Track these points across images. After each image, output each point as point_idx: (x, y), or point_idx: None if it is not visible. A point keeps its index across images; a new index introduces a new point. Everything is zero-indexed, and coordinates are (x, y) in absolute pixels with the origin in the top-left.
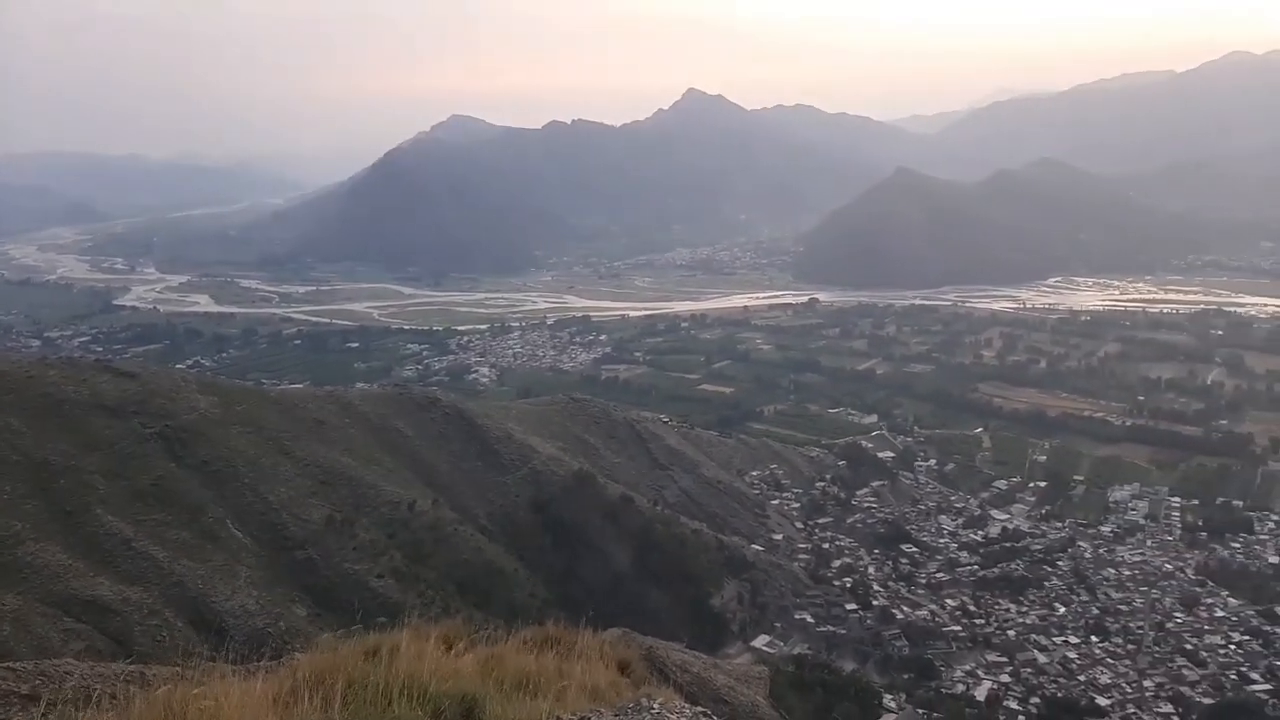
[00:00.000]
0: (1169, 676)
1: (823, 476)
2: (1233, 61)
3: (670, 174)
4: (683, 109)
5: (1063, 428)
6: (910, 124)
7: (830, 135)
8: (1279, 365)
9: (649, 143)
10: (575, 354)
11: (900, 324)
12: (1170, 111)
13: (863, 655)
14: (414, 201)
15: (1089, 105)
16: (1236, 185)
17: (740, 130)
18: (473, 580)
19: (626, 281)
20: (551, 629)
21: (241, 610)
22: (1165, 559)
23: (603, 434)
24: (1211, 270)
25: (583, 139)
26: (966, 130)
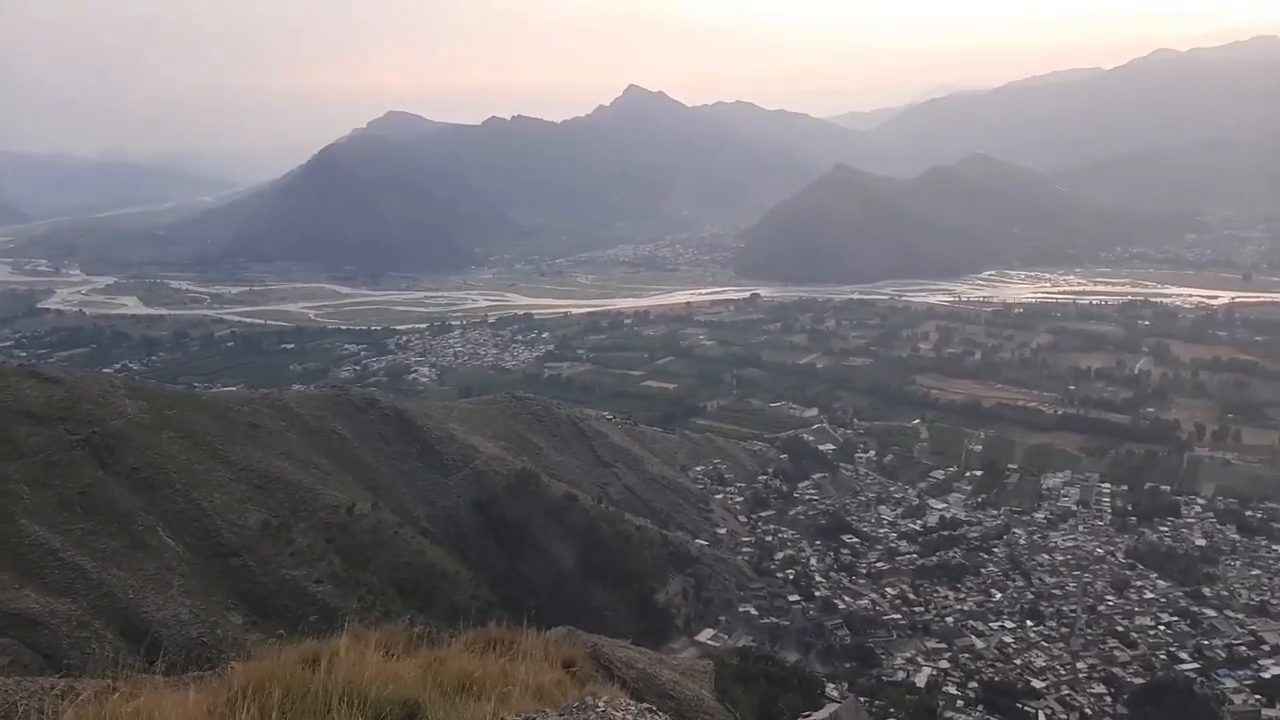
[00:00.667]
0: (1101, 658)
1: (765, 470)
2: (1158, 59)
3: (612, 170)
4: (624, 106)
5: (997, 418)
6: (848, 121)
7: (770, 132)
8: (1203, 354)
9: (590, 139)
10: (517, 352)
11: (839, 318)
12: (1099, 108)
13: (806, 646)
14: (351, 199)
15: (1021, 102)
16: (1162, 180)
17: (681, 127)
18: (414, 583)
19: (569, 278)
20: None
21: (174, 620)
22: (1096, 544)
23: (546, 432)
24: (1138, 262)
25: (523, 135)
26: (903, 127)
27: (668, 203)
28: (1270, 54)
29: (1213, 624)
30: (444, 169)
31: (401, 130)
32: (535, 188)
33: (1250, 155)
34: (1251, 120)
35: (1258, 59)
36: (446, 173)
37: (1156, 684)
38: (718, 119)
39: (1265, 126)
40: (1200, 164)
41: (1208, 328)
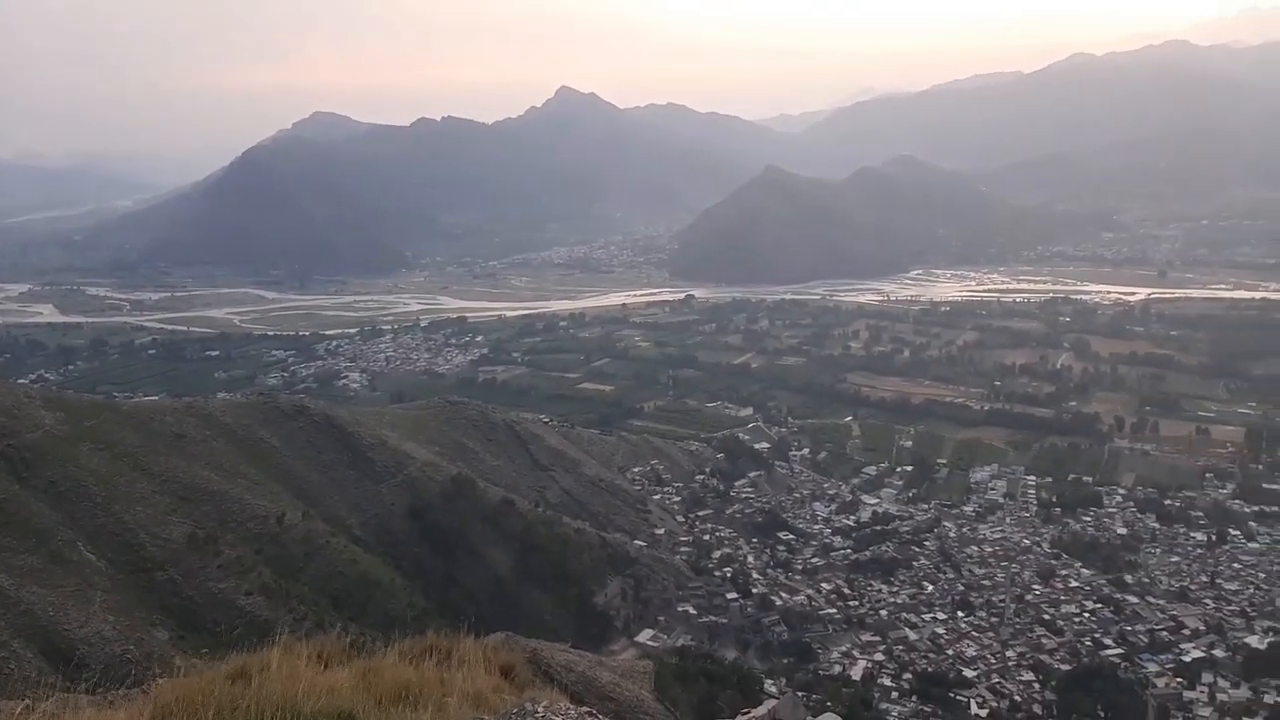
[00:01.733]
0: (1029, 646)
1: (702, 470)
2: (1075, 63)
3: (545, 172)
4: (555, 107)
5: (926, 414)
6: (778, 123)
7: (702, 134)
8: (1121, 349)
9: (522, 140)
10: (451, 356)
11: (773, 318)
12: (1019, 110)
13: (744, 643)
14: (276, 202)
15: (944, 105)
16: (1080, 180)
17: (614, 129)
18: (348, 593)
19: (503, 281)
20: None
21: (97, 637)
22: (1023, 534)
23: (481, 437)
24: (1059, 260)
25: (454, 136)
26: (831, 129)
27: (601, 204)
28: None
29: (1135, 610)
30: (372, 170)
31: (328, 131)
32: (466, 189)
33: (1162, 156)
34: (1163, 122)
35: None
36: (375, 174)
37: (1082, 670)
38: (650, 121)
39: (1176, 128)
40: (1115, 165)
41: (1125, 323)
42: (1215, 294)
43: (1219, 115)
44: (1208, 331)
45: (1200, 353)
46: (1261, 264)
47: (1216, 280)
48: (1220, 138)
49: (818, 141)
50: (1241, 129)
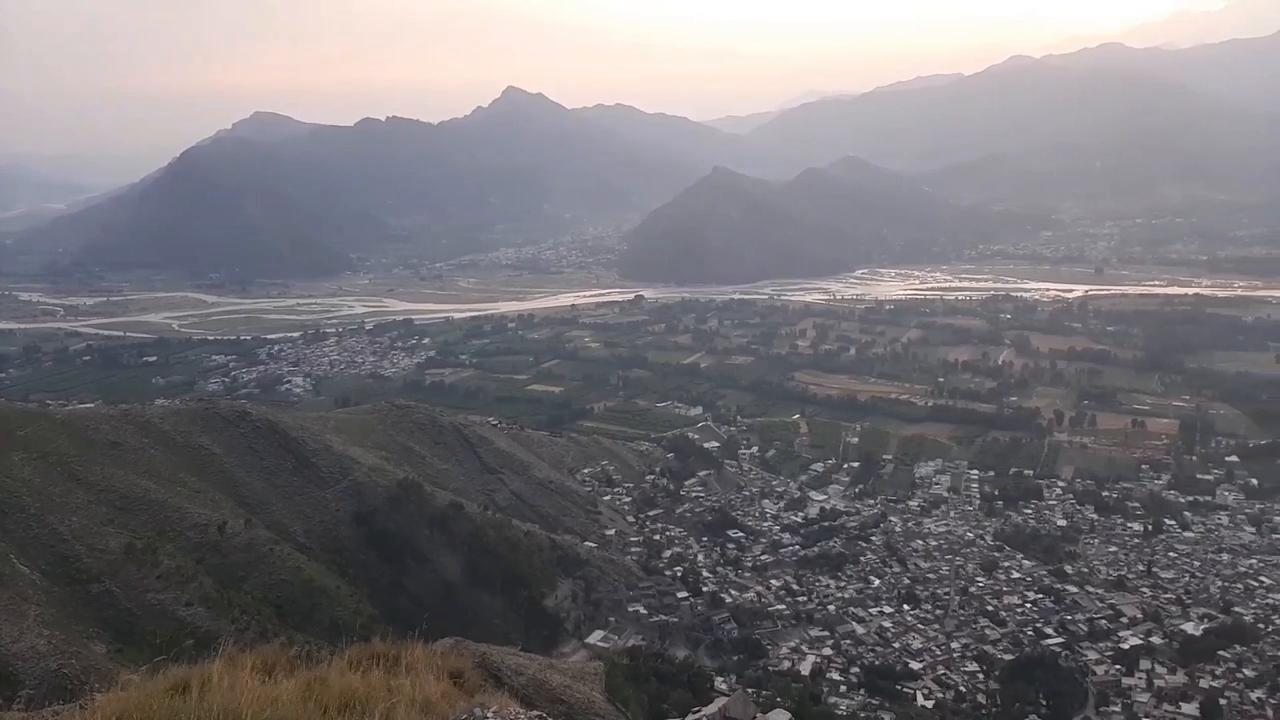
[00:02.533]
0: (973, 637)
1: (652, 469)
2: (1014, 65)
3: (492, 173)
4: (503, 107)
5: (872, 410)
6: (725, 124)
7: (650, 135)
8: (1060, 345)
9: (469, 141)
10: (397, 359)
11: (722, 318)
12: (960, 111)
13: (694, 641)
14: (216, 204)
15: (888, 106)
16: (1019, 180)
17: (562, 129)
18: (292, 601)
19: (450, 282)
20: (378, 645)
21: (31, 652)
22: (967, 528)
23: (428, 440)
24: (999, 259)
25: (399, 137)
26: (777, 130)
27: (549, 205)
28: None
29: (1075, 600)
30: (315, 172)
31: (269, 131)
32: (412, 190)
33: (1097, 156)
34: (1099, 123)
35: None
36: (318, 176)
37: (1025, 659)
38: (598, 121)
39: (1111, 129)
40: (1053, 165)
41: (1064, 320)
42: (1150, 290)
43: (1152, 116)
44: (1143, 327)
45: (1136, 348)
46: (1193, 261)
47: (1151, 277)
48: (1153, 138)
49: (764, 142)
50: (1173, 130)
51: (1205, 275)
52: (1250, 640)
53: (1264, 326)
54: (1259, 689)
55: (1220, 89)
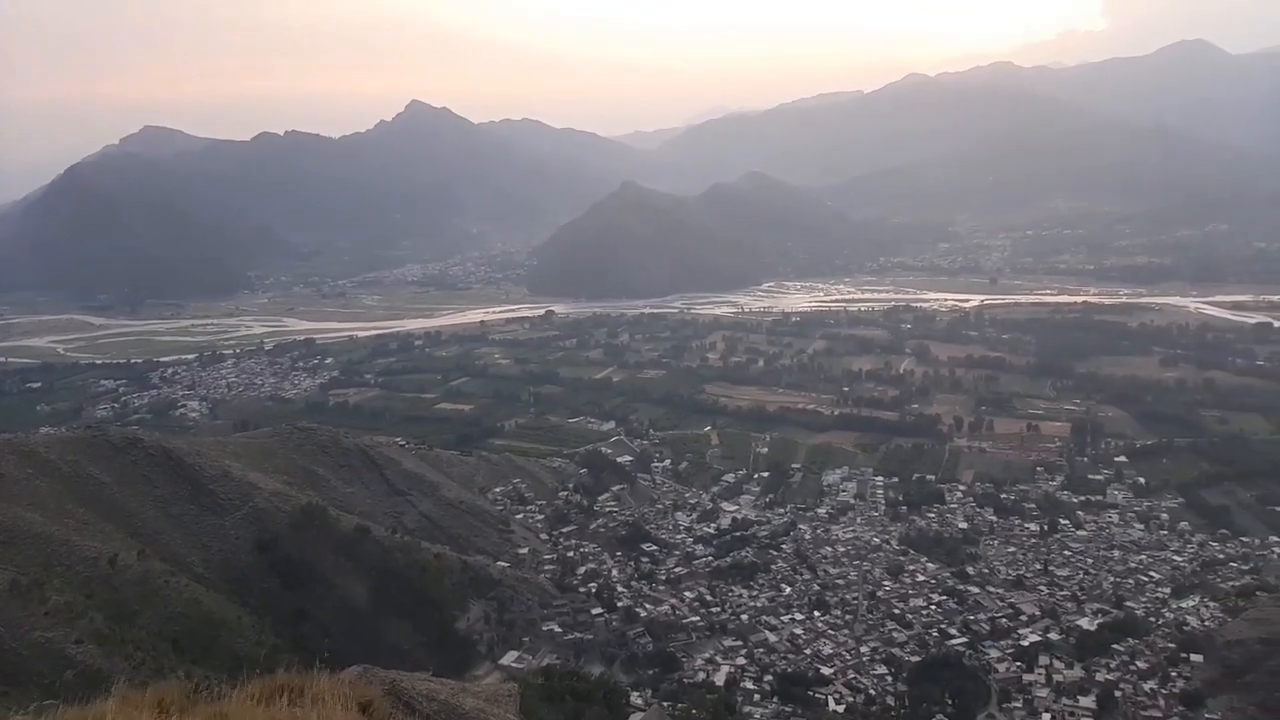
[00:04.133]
0: (881, 640)
1: (565, 486)
2: (910, 83)
3: (396, 188)
4: (407, 121)
5: (781, 420)
6: (633, 140)
7: (558, 150)
8: (958, 353)
9: (372, 155)
10: (299, 380)
11: (633, 332)
12: (859, 127)
13: (610, 657)
14: (104, 222)
15: (791, 122)
16: (917, 194)
17: (468, 143)
18: (190, 634)
19: (353, 300)
20: (282, 677)
21: None
22: (873, 533)
23: (333, 463)
24: (899, 270)
25: (298, 151)
26: (685, 146)
27: (457, 221)
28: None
29: (977, 600)
30: (210, 188)
31: (160, 146)
32: (313, 207)
33: (990, 170)
34: (991, 138)
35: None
36: (213, 192)
37: (931, 660)
38: (506, 136)
39: (1002, 144)
40: (948, 179)
41: (961, 329)
42: (1041, 299)
43: (1040, 132)
44: (1035, 334)
45: (1029, 354)
46: (1081, 270)
47: (1041, 286)
48: (1042, 153)
49: (672, 158)
50: (1061, 144)
51: (1092, 283)
52: (1142, 633)
53: (1148, 332)
54: (1151, 680)
55: (1104, 105)
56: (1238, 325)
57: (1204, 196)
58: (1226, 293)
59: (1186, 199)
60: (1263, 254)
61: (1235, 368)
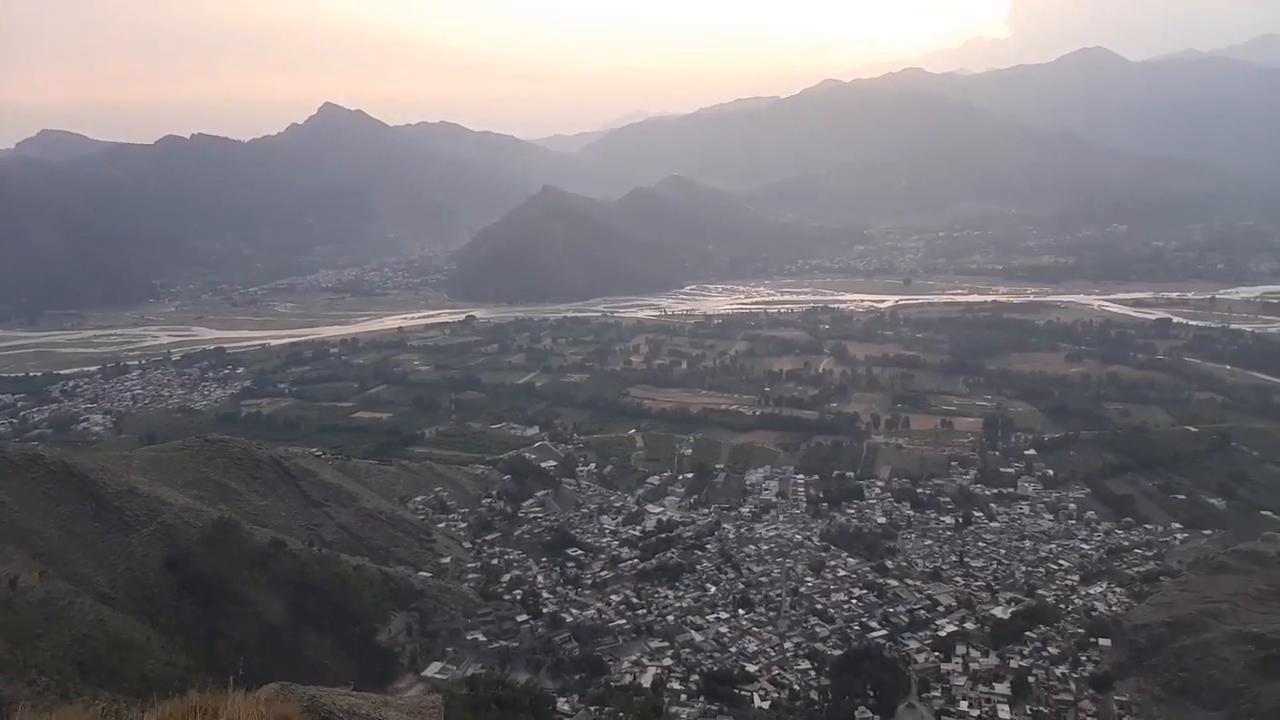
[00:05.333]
0: (805, 635)
1: (489, 493)
2: (825, 89)
3: (309, 192)
4: (319, 124)
5: (704, 422)
6: (553, 143)
7: (476, 153)
8: (874, 352)
9: (283, 159)
10: (209, 391)
11: (555, 336)
12: (777, 132)
13: (536, 664)
14: None
15: (710, 127)
16: (832, 197)
17: (383, 147)
18: (96, 658)
19: (265, 308)
20: (195, 698)
21: None
22: (795, 530)
23: (246, 475)
24: (817, 273)
25: (206, 156)
26: (605, 149)
27: (372, 225)
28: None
29: (896, 593)
30: (112, 194)
31: (58, 151)
32: (222, 212)
33: (903, 174)
34: (903, 143)
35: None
36: (115, 198)
37: (852, 653)
38: (422, 139)
39: (914, 149)
40: (863, 183)
41: (877, 329)
42: (953, 298)
43: (950, 136)
44: (948, 333)
45: (942, 352)
46: (990, 270)
47: (953, 286)
48: (951, 157)
49: (593, 161)
50: (969, 148)
51: (1002, 283)
52: (1052, 620)
53: (1054, 329)
54: (1062, 665)
55: (1010, 110)
56: (1138, 321)
57: (1105, 198)
58: (1127, 290)
59: (1088, 201)
60: (1160, 253)
61: (1136, 362)
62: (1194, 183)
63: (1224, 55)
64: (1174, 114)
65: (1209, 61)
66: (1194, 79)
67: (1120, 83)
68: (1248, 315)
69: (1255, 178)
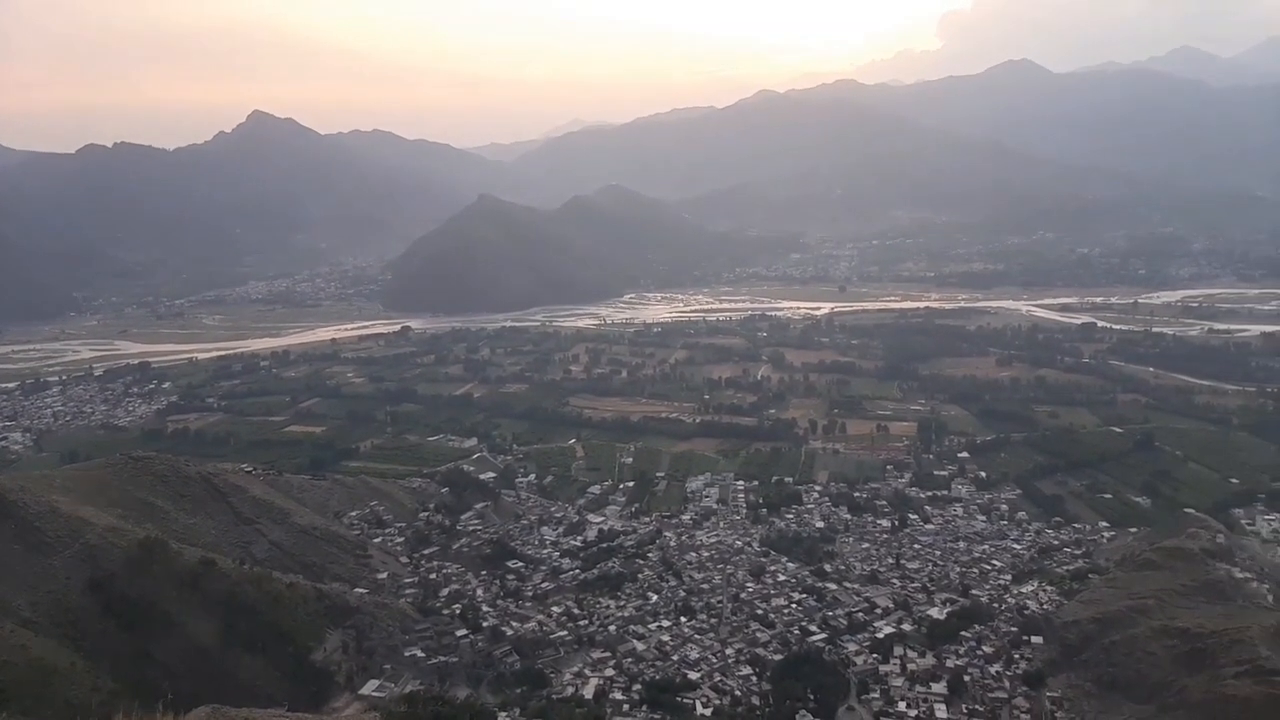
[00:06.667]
0: (746, 641)
1: (426, 506)
2: (761, 99)
3: (238, 202)
4: (249, 132)
5: (645, 430)
6: (489, 152)
7: (411, 162)
8: (811, 358)
9: (211, 168)
10: (133, 407)
11: (494, 346)
12: (714, 142)
13: (476, 679)
14: None
15: (648, 136)
16: (769, 206)
17: (315, 156)
18: (18, 684)
19: (193, 320)
20: None
21: None
22: (736, 536)
23: (173, 493)
24: (754, 280)
25: (129, 165)
26: (543, 158)
27: (304, 235)
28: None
29: (835, 596)
30: (29, 204)
31: None
32: (147, 223)
33: (837, 183)
34: (837, 153)
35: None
36: (33, 208)
37: (793, 658)
38: (355, 148)
39: (847, 158)
40: (798, 192)
41: (814, 335)
42: (887, 305)
43: (882, 146)
44: (882, 339)
45: (877, 358)
46: (922, 277)
47: (887, 293)
48: (884, 166)
49: (530, 170)
50: (901, 158)
51: (934, 289)
52: (986, 619)
53: (984, 334)
54: (996, 663)
55: (940, 120)
56: (1065, 326)
57: (1032, 206)
58: (1054, 295)
59: (1016, 208)
60: (1085, 259)
61: (1064, 365)
62: (1117, 190)
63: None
64: (1097, 123)
65: (1130, 73)
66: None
67: (1046, 93)
68: (1169, 319)
69: (1175, 184)
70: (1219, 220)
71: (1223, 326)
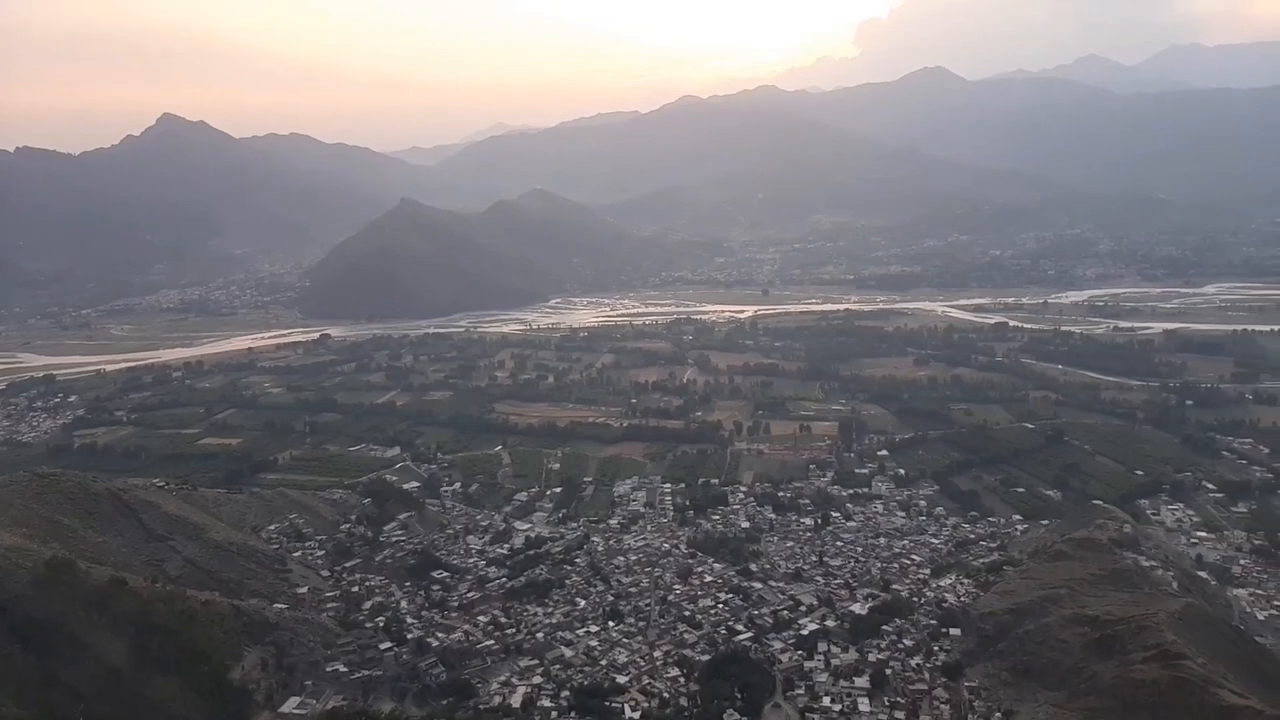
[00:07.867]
0: (674, 643)
1: (347, 518)
2: (684, 104)
3: (147, 208)
4: (158, 136)
5: (572, 435)
6: (411, 156)
7: (330, 166)
8: (736, 361)
9: (118, 174)
10: (37, 421)
11: (417, 353)
12: (638, 146)
13: (401, 692)
14: None
15: (572, 140)
16: (693, 210)
17: (229, 160)
18: None
19: (100, 331)
20: None
21: None
22: (663, 539)
23: (80, 511)
24: (680, 284)
25: (31, 170)
26: (465, 162)
27: (217, 242)
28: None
29: (760, 595)
30: None
31: None
32: (50, 230)
33: (759, 188)
34: (759, 158)
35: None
36: None
37: (720, 657)
38: (271, 152)
39: (769, 163)
40: (722, 196)
41: (738, 338)
42: (809, 308)
43: (802, 151)
44: (804, 341)
45: (799, 360)
46: (843, 279)
47: (809, 295)
48: (804, 171)
49: (452, 174)
50: (821, 163)
51: (854, 292)
52: (906, 613)
53: (902, 335)
54: (917, 655)
55: (858, 126)
56: (979, 326)
57: (947, 209)
58: (968, 296)
59: (932, 212)
60: (997, 260)
61: (978, 364)
62: (1027, 193)
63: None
64: (1008, 129)
65: (1039, 80)
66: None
67: (959, 100)
68: (1077, 318)
69: (1083, 188)
70: (1124, 222)
71: (1127, 324)
